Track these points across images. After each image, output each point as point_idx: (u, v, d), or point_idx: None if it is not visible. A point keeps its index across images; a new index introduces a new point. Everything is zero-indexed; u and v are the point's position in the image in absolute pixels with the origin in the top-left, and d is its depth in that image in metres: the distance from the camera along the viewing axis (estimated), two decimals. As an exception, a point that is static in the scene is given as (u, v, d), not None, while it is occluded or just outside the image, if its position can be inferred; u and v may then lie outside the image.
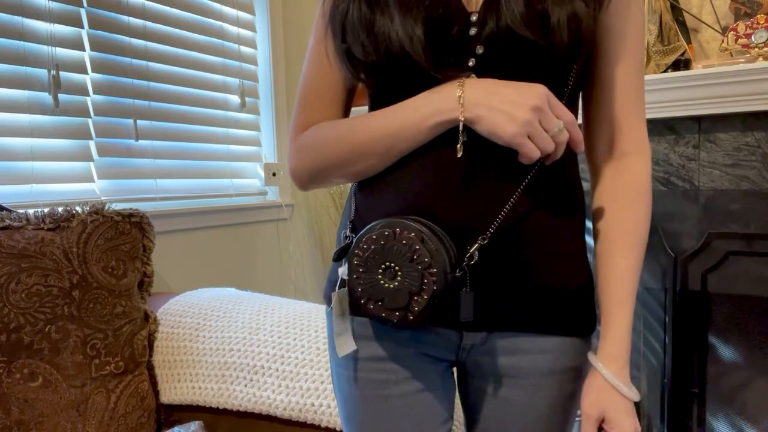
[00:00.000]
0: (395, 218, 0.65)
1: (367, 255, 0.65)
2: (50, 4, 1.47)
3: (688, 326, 1.84)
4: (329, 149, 0.72)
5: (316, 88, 0.76)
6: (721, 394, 1.85)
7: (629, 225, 0.72)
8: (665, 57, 1.81)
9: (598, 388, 0.68)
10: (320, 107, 0.76)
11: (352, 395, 0.77)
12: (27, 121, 1.43)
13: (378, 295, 0.65)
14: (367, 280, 0.65)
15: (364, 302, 0.65)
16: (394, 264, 0.63)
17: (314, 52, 0.76)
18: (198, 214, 1.84)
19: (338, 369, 0.78)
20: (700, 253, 1.79)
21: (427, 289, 0.62)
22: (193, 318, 1.36)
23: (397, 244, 0.63)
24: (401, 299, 0.64)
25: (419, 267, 0.62)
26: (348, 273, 0.67)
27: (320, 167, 0.73)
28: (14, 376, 1.15)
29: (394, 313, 0.64)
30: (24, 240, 1.19)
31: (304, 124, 0.76)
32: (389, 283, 0.64)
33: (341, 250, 0.70)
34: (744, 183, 1.75)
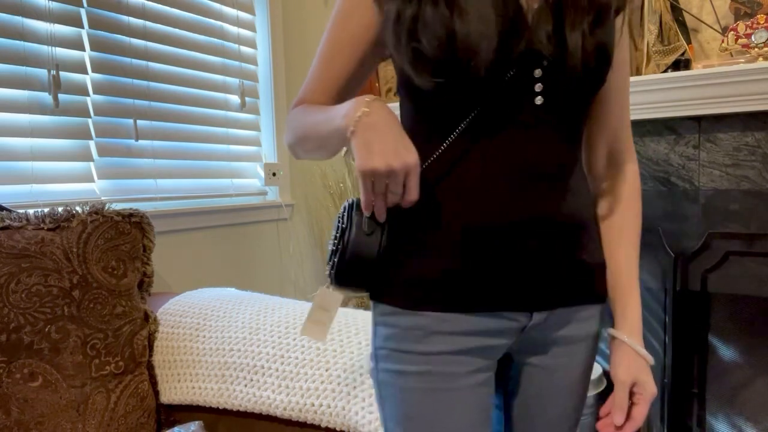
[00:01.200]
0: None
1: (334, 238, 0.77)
2: (50, 4, 1.47)
3: (688, 326, 1.84)
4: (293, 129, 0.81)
5: (321, 73, 0.81)
6: (721, 394, 1.85)
7: (634, 221, 0.86)
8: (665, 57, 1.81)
9: (627, 357, 0.80)
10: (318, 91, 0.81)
11: (417, 391, 0.76)
12: (27, 121, 1.43)
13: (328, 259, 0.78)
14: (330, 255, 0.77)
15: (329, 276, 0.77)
16: (335, 229, 0.76)
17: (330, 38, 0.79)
18: (198, 214, 1.84)
19: (402, 366, 0.76)
20: (700, 253, 1.79)
21: (337, 229, 0.75)
22: (193, 318, 1.36)
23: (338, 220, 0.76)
24: (329, 250, 0.77)
25: (336, 221, 0.76)
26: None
27: (290, 142, 0.83)
28: (14, 376, 1.15)
29: (330, 262, 0.76)
30: (24, 240, 1.19)
31: (299, 102, 0.83)
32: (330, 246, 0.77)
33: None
34: (744, 183, 1.75)
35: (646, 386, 0.79)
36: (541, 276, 0.74)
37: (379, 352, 0.79)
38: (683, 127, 1.83)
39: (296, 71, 2.25)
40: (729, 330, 1.83)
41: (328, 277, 0.76)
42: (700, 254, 1.79)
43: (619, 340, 0.81)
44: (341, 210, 0.76)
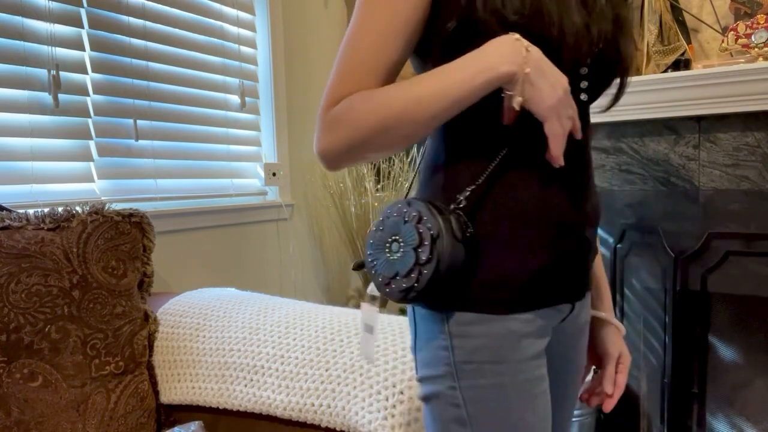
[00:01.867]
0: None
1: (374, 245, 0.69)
2: (50, 4, 1.47)
3: (688, 326, 1.84)
4: (369, 118, 0.65)
5: (367, 59, 0.67)
6: (721, 394, 1.85)
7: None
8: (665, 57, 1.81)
9: (612, 334, 0.88)
10: (363, 79, 0.67)
11: (519, 401, 0.71)
12: (27, 121, 1.43)
13: (391, 271, 0.67)
14: (379, 266, 0.68)
15: (388, 291, 0.68)
16: (395, 236, 0.67)
17: (373, 19, 0.67)
18: (198, 214, 1.84)
19: (498, 378, 0.71)
20: (700, 253, 1.79)
21: (425, 237, 0.64)
22: (193, 318, 1.36)
23: (390, 219, 0.68)
24: (409, 260, 0.65)
25: (413, 223, 0.65)
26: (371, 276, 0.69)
27: (356, 140, 0.66)
28: (14, 376, 1.15)
29: (411, 276, 0.65)
30: (24, 240, 1.19)
31: (339, 98, 0.68)
32: (396, 254, 0.66)
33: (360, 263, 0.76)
34: (744, 183, 1.75)
35: (626, 356, 0.88)
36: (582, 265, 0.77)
37: (464, 368, 0.71)
38: (683, 127, 1.83)
39: (296, 71, 2.25)
40: (729, 330, 1.83)
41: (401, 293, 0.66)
42: (700, 254, 1.79)
43: (602, 319, 0.88)
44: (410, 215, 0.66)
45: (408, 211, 0.66)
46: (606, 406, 0.87)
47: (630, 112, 1.78)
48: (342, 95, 0.67)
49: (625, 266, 1.93)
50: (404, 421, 1.03)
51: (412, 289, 0.65)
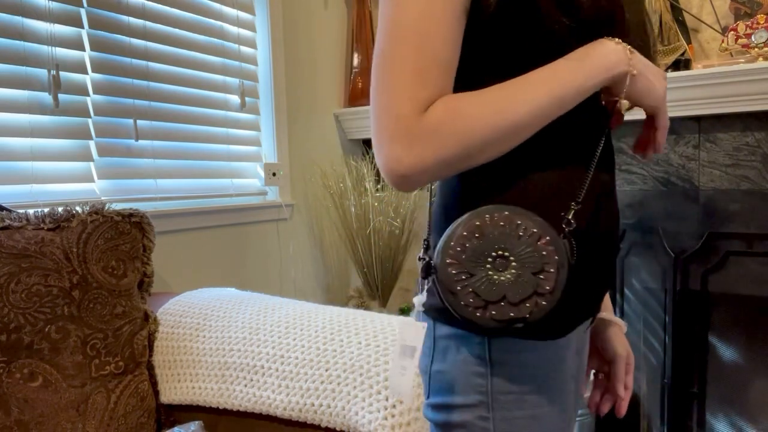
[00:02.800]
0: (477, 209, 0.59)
1: (465, 256, 0.56)
2: (50, 4, 1.47)
3: (688, 326, 1.84)
4: (484, 127, 0.57)
5: (440, 53, 0.58)
6: (721, 394, 1.85)
7: None
8: (665, 57, 1.81)
9: (618, 334, 0.84)
10: (443, 81, 0.59)
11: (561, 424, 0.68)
12: (27, 121, 1.43)
13: (495, 294, 0.55)
14: (477, 284, 0.56)
15: (481, 314, 0.56)
16: (502, 250, 0.56)
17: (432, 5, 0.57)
18: (198, 214, 1.84)
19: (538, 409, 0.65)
20: (700, 253, 1.79)
21: (550, 261, 0.55)
22: (193, 318, 1.36)
23: (495, 229, 0.56)
24: (526, 285, 0.55)
25: (531, 240, 0.55)
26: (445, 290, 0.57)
27: (464, 152, 0.57)
28: (14, 376, 1.15)
29: (524, 305, 0.55)
30: (24, 240, 1.19)
31: (428, 102, 0.57)
32: (504, 275, 0.56)
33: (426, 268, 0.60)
34: (744, 183, 1.75)
35: (632, 355, 0.86)
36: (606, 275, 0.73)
37: (501, 399, 0.64)
38: (683, 127, 1.83)
39: (296, 71, 2.25)
40: (729, 330, 1.83)
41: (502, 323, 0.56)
42: (700, 254, 1.79)
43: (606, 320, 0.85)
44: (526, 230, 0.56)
45: (522, 224, 0.56)
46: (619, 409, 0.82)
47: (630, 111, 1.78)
48: (429, 99, 0.57)
49: (625, 266, 1.93)
50: (404, 421, 1.03)
51: (520, 321, 0.56)
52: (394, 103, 0.57)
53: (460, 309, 0.57)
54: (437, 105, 0.57)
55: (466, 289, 0.56)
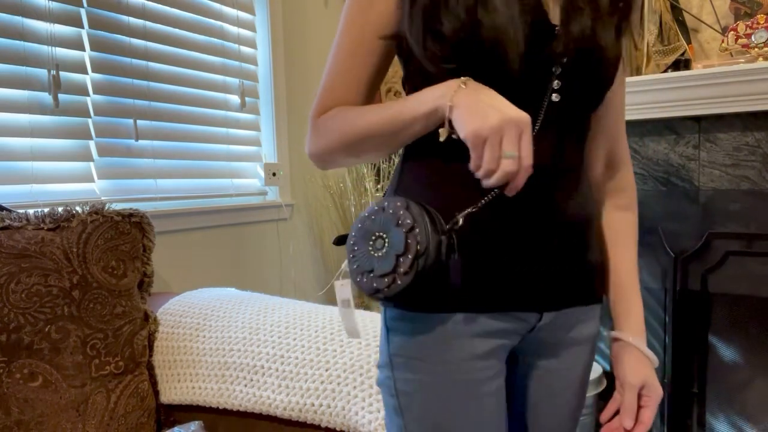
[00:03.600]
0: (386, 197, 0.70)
1: (359, 232, 0.69)
2: (50, 4, 1.47)
3: (688, 326, 1.84)
4: (338, 132, 0.75)
5: (343, 73, 0.77)
6: (721, 394, 1.85)
7: (633, 222, 0.89)
8: (665, 57, 1.81)
9: (635, 360, 0.80)
10: (344, 93, 0.77)
11: (442, 401, 0.73)
12: (27, 121, 1.43)
13: (368, 265, 0.68)
14: (360, 255, 0.69)
15: (359, 279, 0.68)
16: (382, 233, 0.67)
17: (348, 37, 0.76)
18: (198, 214, 1.84)
19: (423, 376, 0.73)
20: (700, 253, 1.79)
21: (410, 249, 0.65)
22: (193, 318, 1.36)
23: (384, 215, 0.68)
24: (388, 263, 0.66)
25: (403, 230, 0.65)
26: (347, 258, 0.71)
27: (331, 149, 0.76)
28: (14, 376, 1.15)
29: (383, 280, 0.66)
30: (24, 240, 1.19)
31: (324, 108, 0.77)
32: (378, 253, 0.67)
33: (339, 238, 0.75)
34: (744, 183, 1.75)
35: (654, 388, 0.78)
36: (552, 275, 0.74)
37: (395, 360, 0.75)
38: (683, 127, 1.83)
39: (296, 71, 2.25)
40: (729, 330, 1.83)
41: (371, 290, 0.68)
42: (700, 254, 1.79)
43: (624, 342, 0.81)
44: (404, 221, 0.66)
45: (404, 215, 0.66)
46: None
47: (630, 112, 1.78)
48: (326, 106, 0.77)
49: (625, 266, 1.93)
50: (404, 421, 1.03)
51: (381, 292, 0.67)
52: (312, 109, 0.79)
53: (351, 273, 0.70)
54: (331, 111, 0.77)
55: (354, 258, 0.69)
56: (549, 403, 0.83)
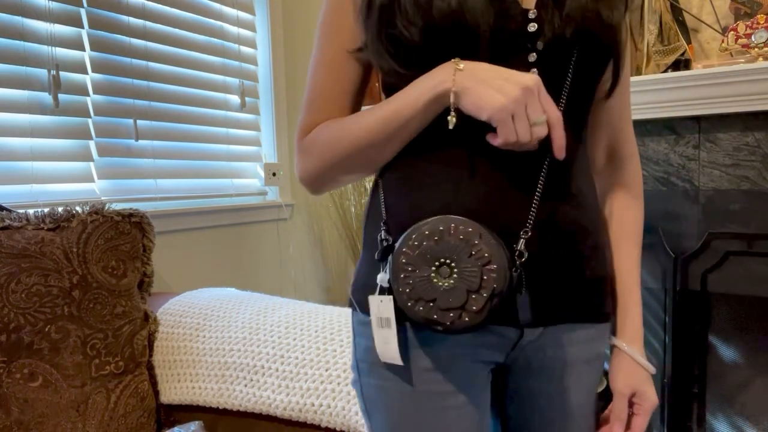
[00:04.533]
0: (447, 215, 0.63)
1: (418, 252, 0.61)
2: (50, 4, 1.47)
3: (688, 326, 1.84)
4: (332, 146, 0.70)
5: (323, 89, 0.74)
6: (721, 394, 1.85)
7: (636, 221, 0.82)
8: (665, 57, 1.81)
9: (626, 367, 0.76)
10: (327, 109, 0.74)
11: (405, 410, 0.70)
12: (27, 121, 1.43)
13: (429, 294, 0.61)
14: (417, 279, 0.61)
15: (411, 304, 0.62)
16: (450, 260, 0.60)
17: (323, 52, 0.75)
18: (198, 214, 1.84)
19: (384, 383, 0.71)
20: (700, 253, 1.79)
21: (486, 287, 0.59)
22: (193, 318, 1.36)
23: (453, 240, 0.60)
24: (457, 298, 0.60)
25: (478, 263, 0.59)
26: (392, 274, 0.63)
27: (325, 166, 0.72)
28: (14, 376, 1.15)
29: (448, 314, 0.60)
30: (24, 240, 1.19)
31: (309, 126, 0.74)
32: (443, 282, 0.60)
33: (384, 251, 0.66)
34: (744, 183, 1.75)
35: (647, 397, 0.75)
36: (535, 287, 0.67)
37: (361, 365, 0.73)
38: (683, 127, 1.83)
39: (296, 71, 2.25)
40: (729, 330, 1.83)
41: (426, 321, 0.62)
42: (700, 254, 1.79)
43: (618, 349, 0.77)
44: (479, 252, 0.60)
45: (479, 245, 0.60)
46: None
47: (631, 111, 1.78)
48: (311, 124, 0.74)
49: (625, 266, 1.93)
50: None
51: (440, 325, 0.61)
52: (297, 126, 0.76)
53: (397, 294, 0.63)
54: (314, 129, 0.73)
55: (407, 279, 0.62)
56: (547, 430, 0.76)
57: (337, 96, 0.74)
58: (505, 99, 0.58)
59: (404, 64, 0.66)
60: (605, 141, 0.82)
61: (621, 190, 0.83)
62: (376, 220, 0.72)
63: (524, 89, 0.59)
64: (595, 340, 0.75)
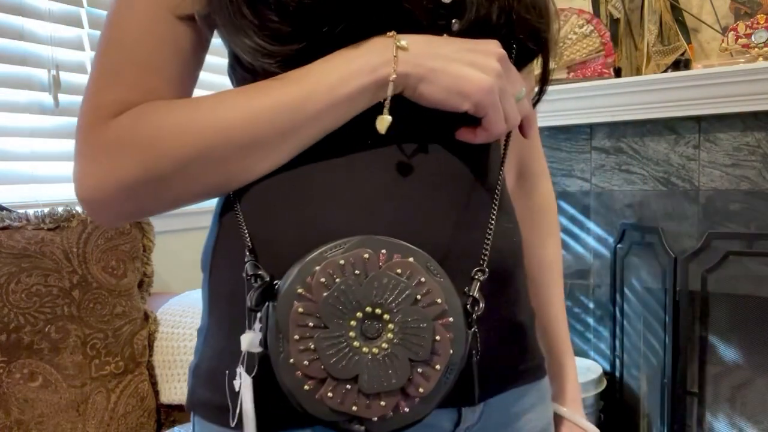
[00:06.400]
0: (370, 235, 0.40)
1: (328, 295, 0.37)
2: (50, 5, 1.47)
3: (688, 326, 1.84)
4: (174, 142, 0.43)
5: (137, 52, 0.46)
6: (721, 394, 1.85)
7: (556, 252, 0.68)
8: (665, 57, 1.81)
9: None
10: (144, 82, 0.46)
11: None
12: (27, 122, 1.43)
13: (347, 369, 0.37)
14: (325, 343, 0.37)
15: (310, 388, 0.37)
16: (380, 308, 0.37)
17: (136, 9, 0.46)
18: (198, 214, 1.84)
19: None
20: (700, 253, 1.79)
21: (442, 353, 0.38)
22: (193, 318, 1.36)
23: (385, 276, 0.38)
24: (394, 374, 0.37)
25: (429, 315, 0.38)
26: (275, 334, 0.38)
27: (155, 174, 0.43)
28: (14, 376, 1.15)
29: (377, 402, 0.37)
30: (24, 240, 1.19)
31: (111, 107, 0.45)
32: (368, 345, 0.37)
33: (261, 294, 0.40)
34: (744, 183, 1.75)
35: None
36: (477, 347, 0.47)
37: None
38: (683, 127, 1.83)
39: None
40: (729, 330, 1.83)
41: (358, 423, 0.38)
42: (700, 254, 1.79)
43: (557, 416, 0.63)
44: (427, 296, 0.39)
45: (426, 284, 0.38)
46: None
47: (630, 112, 1.78)
48: (116, 103, 0.45)
49: (625, 266, 1.93)
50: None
51: (361, 423, 0.38)
52: (82, 108, 0.45)
53: (284, 369, 0.38)
54: (130, 111, 0.45)
55: (306, 342, 0.37)
56: None
57: (159, 65, 0.47)
58: (490, 77, 0.43)
59: (280, 41, 0.43)
60: (515, 156, 0.67)
61: (537, 218, 0.67)
62: (230, 257, 0.49)
63: (500, 59, 0.44)
64: (543, 402, 0.58)
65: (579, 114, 1.86)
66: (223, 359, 0.46)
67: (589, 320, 2.06)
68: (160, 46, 0.47)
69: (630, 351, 1.98)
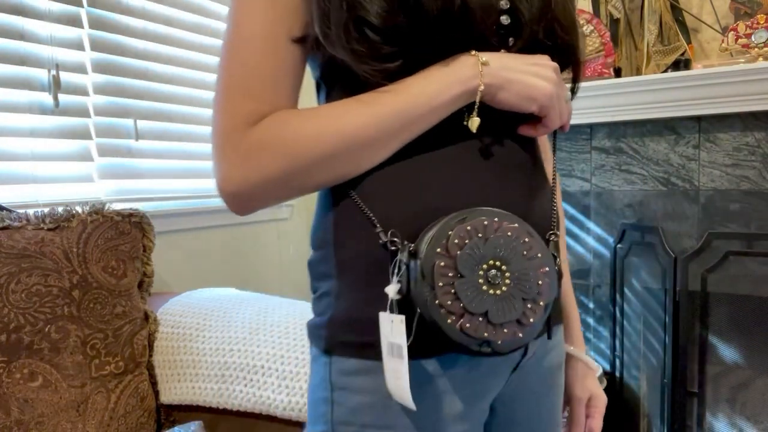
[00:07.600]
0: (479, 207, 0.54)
1: (462, 252, 0.49)
2: (50, 5, 1.47)
3: (688, 326, 1.84)
4: (308, 145, 0.54)
5: (261, 71, 0.56)
6: (721, 394, 1.85)
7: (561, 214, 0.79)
8: (665, 57, 1.81)
9: (582, 373, 0.76)
10: (269, 97, 0.57)
11: None
12: (27, 122, 1.43)
13: (479, 306, 0.49)
14: (464, 287, 0.49)
15: (452, 321, 0.49)
16: (500, 261, 0.50)
17: (251, 25, 0.56)
18: (198, 214, 1.84)
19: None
20: (700, 253, 1.79)
21: (543, 294, 0.51)
22: (193, 318, 1.36)
23: (500, 237, 0.50)
24: (512, 309, 0.49)
25: (533, 265, 0.51)
26: (421, 284, 0.50)
27: (293, 171, 0.55)
28: (14, 376, 1.15)
29: (501, 329, 0.49)
30: (24, 240, 1.19)
31: (252, 116, 0.56)
32: (494, 289, 0.49)
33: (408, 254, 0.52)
34: (744, 183, 1.75)
35: (599, 397, 0.76)
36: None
37: (343, 430, 0.57)
38: (683, 127, 1.83)
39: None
40: (729, 330, 1.83)
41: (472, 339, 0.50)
42: (700, 254, 1.79)
43: (570, 356, 0.75)
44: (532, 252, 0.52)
45: (530, 243, 0.51)
46: None
47: (630, 112, 1.78)
48: (255, 113, 0.56)
49: (625, 266, 1.93)
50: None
51: (490, 345, 0.50)
52: (219, 118, 0.57)
53: (432, 308, 0.49)
54: (266, 119, 0.56)
55: (448, 288, 0.49)
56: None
57: (279, 81, 0.57)
58: (551, 84, 0.57)
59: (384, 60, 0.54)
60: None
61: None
62: (355, 235, 0.59)
63: (555, 69, 0.59)
64: (561, 341, 0.72)
65: (579, 114, 1.86)
66: (359, 308, 0.58)
67: (589, 320, 2.06)
68: (280, 65, 0.57)
69: (630, 351, 1.98)
